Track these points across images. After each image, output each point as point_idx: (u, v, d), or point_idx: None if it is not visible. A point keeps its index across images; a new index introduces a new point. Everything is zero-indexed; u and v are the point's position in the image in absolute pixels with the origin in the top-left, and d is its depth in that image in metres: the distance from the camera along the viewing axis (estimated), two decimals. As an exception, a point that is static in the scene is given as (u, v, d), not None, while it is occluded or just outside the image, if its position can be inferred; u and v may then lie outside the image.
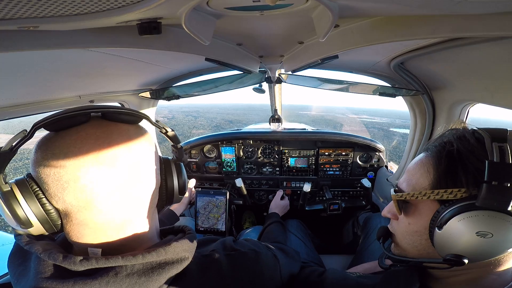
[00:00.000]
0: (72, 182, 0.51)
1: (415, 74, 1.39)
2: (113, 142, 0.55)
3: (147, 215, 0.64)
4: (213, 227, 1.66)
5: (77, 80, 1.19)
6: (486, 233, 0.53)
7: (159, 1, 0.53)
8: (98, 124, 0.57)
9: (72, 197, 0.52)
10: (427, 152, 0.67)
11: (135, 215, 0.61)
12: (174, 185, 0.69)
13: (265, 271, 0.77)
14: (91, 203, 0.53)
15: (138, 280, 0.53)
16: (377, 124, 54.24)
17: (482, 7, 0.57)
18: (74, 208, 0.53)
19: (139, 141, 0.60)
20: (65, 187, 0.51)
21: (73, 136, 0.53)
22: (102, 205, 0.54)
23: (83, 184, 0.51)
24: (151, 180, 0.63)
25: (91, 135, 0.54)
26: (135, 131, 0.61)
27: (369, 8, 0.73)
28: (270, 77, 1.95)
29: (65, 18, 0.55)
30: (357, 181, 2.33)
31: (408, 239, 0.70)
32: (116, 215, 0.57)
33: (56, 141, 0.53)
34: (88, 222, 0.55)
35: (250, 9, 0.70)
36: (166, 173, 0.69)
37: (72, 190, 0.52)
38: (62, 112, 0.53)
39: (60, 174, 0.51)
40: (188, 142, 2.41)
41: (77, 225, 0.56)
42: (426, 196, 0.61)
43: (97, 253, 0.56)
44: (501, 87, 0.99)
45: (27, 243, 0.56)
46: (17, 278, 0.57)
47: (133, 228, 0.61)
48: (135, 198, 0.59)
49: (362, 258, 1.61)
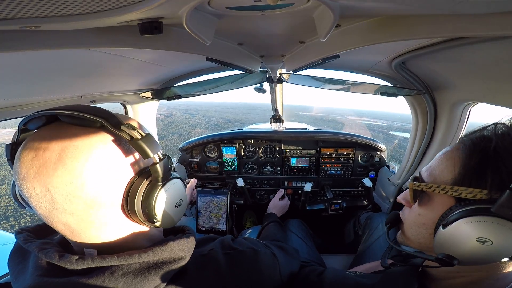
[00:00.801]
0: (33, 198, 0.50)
1: (417, 73, 1.39)
2: (48, 147, 0.50)
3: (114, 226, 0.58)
4: (214, 227, 1.66)
5: (79, 80, 1.19)
6: (486, 240, 0.52)
7: (160, 1, 0.53)
8: (55, 126, 0.54)
9: (38, 207, 0.51)
10: (460, 144, 0.61)
11: (100, 222, 0.55)
12: (136, 209, 0.56)
13: (264, 269, 0.78)
14: (53, 212, 0.51)
15: (134, 280, 0.53)
16: (377, 127, 54.21)
17: (484, 6, 0.57)
18: (44, 216, 0.52)
19: (79, 147, 0.50)
20: (28, 200, 0.50)
21: (32, 138, 0.52)
22: (61, 213, 0.51)
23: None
24: (93, 193, 0.51)
25: (47, 137, 0.51)
26: (82, 136, 0.52)
27: (370, 8, 0.73)
28: (271, 76, 1.95)
29: (67, 18, 0.55)
30: (358, 181, 2.33)
31: (414, 230, 0.68)
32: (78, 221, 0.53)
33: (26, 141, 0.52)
34: (64, 224, 0.53)
35: (251, 9, 0.70)
36: (130, 192, 0.56)
37: (33, 201, 0.50)
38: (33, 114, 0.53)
39: (20, 190, 0.50)
40: (190, 142, 2.42)
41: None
42: (444, 191, 0.58)
43: (93, 253, 0.56)
44: (503, 86, 0.98)
45: (25, 242, 0.57)
46: (15, 276, 0.57)
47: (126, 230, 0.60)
48: (78, 210, 0.52)
49: (363, 257, 1.61)
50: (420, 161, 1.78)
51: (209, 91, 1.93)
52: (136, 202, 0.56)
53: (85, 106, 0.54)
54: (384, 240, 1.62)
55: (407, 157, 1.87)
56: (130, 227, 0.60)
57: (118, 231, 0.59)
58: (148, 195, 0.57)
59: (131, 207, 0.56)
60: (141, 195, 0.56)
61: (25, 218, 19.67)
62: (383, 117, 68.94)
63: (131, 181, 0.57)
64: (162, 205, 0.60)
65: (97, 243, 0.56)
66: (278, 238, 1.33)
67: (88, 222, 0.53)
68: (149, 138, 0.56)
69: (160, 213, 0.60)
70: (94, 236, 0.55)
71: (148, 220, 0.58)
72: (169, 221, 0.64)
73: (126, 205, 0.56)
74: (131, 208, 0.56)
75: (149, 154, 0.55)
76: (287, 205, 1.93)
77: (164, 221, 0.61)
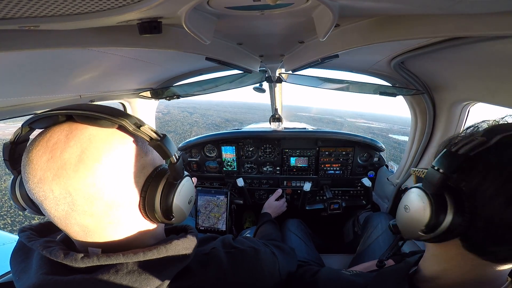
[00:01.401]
0: (46, 199, 0.49)
1: (416, 73, 1.39)
2: (67, 147, 0.49)
3: (127, 224, 0.58)
4: (214, 227, 1.66)
5: (78, 79, 1.19)
6: (407, 208, 0.62)
7: (159, 1, 0.53)
8: (67, 127, 0.52)
9: (53, 210, 0.50)
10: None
11: (117, 222, 0.56)
12: (155, 207, 0.58)
13: (264, 267, 0.78)
14: (71, 215, 0.51)
15: (139, 278, 0.53)
16: (376, 129, 54.08)
17: (483, 6, 0.57)
18: (59, 219, 0.52)
19: (99, 147, 0.51)
20: (43, 202, 0.50)
21: (43, 138, 0.50)
22: (80, 215, 0.51)
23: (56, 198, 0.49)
24: (114, 192, 0.52)
25: (56, 139, 0.50)
26: (101, 136, 0.52)
27: (369, 7, 0.73)
28: (271, 76, 1.95)
29: (66, 17, 0.55)
30: (358, 181, 2.33)
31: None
32: (96, 222, 0.53)
33: (32, 141, 0.51)
34: (80, 225, 0.53)
35: (251, 9, 0.70)
36: (148, 190, 0.57)
37: (49, 204, 0.49)
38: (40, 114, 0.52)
39: (32, 194, 0.50)
40: (189, 141, 2.42)
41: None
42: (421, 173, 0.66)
43: (97, 252, 0.56)
44: (502, 86, 0.99)
45: (29, 240, 0.57)
46: (18, 275, 0.57)
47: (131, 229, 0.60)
48: (97, 210, 0.52)
49: (362, 257, 1.61)
50: (419, 160, 1.78)
51: (208, 90, 1.93)
52: (155, 200, 0.57)
53: (99, 106, 0.54)
54: (383, 240, 1.62)
55: (406, 157, 1.87)
56: (140, 225, 0.61)
57: (130, 230, 0.59)
58: (167, 193, 0.58)
59: (150, 205, 0.57)
60: (159, 194, 0.58)
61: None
62: (382, 120, 68.58)
63: (147, 180, 0.58)
64: (179, 202, 0.62)
65: (105, 241, 0.56)
66: (274, 238, 1.34)
67: (106, 222, 0.53)
68: (167, 139, 0.57)
69: (177, 210, 0.61)
70: (108, 236, 0.56)
71: (165, 217, 0.60)
72: (183, 217, 0.66)
73: (144, 204, 0.57)
74: (149, 207, 0.57)
75: (169, 154, 0.56)
76: (281, 205, 1.92)
77: (178, 217, 0.63)
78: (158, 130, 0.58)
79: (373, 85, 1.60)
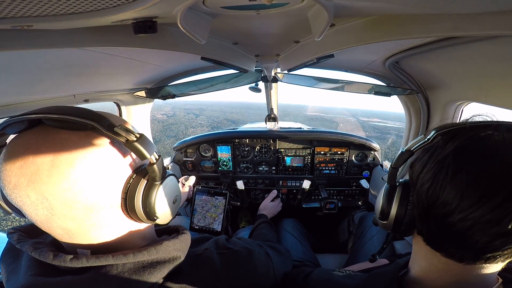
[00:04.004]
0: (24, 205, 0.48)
1: (410, 73, 1.40)
2: (37, 154, 0.48)
3: (120, 223, 0.59)
4: (209, 227, 1.65)
5: (72, 79, 1.18)
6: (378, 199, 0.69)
7: (154, 0, 0.53)
8: (39, 131, 0.50)
9: (33, 214, 0.49)
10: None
11: (99, 224, 0.55)
12: (135, 208, 0.57)
13: (258, 269, 0.78)
14: (51, 219, 0.50)
15: (129, 279, 0.53)
16: (393, 129, 53.35)
17: (476, 6, 0.58)
18: (41, 222, 0.51)
19: (82, 152, 0.50)
20: (22, 207, 0.49)
21: (16, 143, 0.49)
22: (61, 219, 0.50)
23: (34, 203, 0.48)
24: (93, 196, 0.51)
25: (28, 145, 0.48)
26: (75, 141, 0.50)
27: (364, 7, 0.74)
28: (266, 76, 1.95)
29: (60, 17, 0.55)
30: (353, 180, 2.35)
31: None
32: (77, 224, 0.52)
33: (7, 147, 0.49)
34: (63, 228, 0.52)
35: (246, 8, 0.70)
36: (128, 192, 0.56)
37: (28, 209, 0.49)
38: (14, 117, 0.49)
39: (11, 199, 0.49)
40: (184, 141, 2.41)
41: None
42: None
43: (87, 253, 0.55)
44: (495, 86, 1.00)
45: (18, 241, 0.56)
46: (7, 276, 0.57)
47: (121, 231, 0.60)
48: (80, 213, 0.51)
49: (357, 256, 1.62)
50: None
51: (204, 90, 1.92)
52: (135, 201, 0.56)
53: (71, 108, 0.52)
54: (377, 239, 1.64)
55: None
56: (127, 227, 0.60)
57: (116, 231, 0.58)
58: (147, 194, 0.57)
59: (131, 206, 0.56)
60: (140, 195, 0.56)
61: None
62: (395, 118, 66.82)
63: (127, 181, 0.56)
64: (161, 203, 0.61)
65: (92, 243, 0.56)
66: (269, 239, 1.34)
67: (88, 225, 0.53)
68: (144, 139, 0.55)
69: (160, 210, 0.60)
70: (93, 238, 0.55)
71: (148, 218, 0.59)
72: (167, 217, 0.65)
73: (125, 205, 0.56)
74: (131, 208, 0.56)
75: (145, 155, 0.54)
76: (276, 206, 1.94)
77: (162, 218, 0.62)
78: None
79: (368, 84, 1.61)
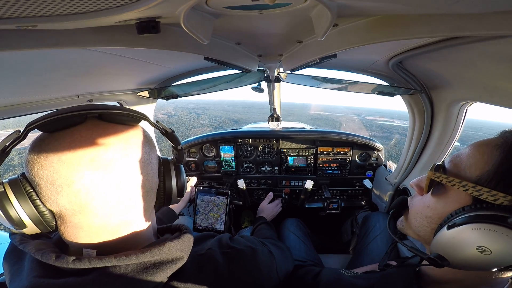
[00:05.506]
0: (66, 186, 0.50)
1: (414, 73, 1.40)
2: (109, 146, 0.53)
3: (143, 216, 0.63)
4: (212, 226, 1.66)
5: (76, 79, 1.19)
6: (486, 250, 0.48)
7: (157, 1, 0.53)
8: (94, 126, 0.55)
9: (66, 201, 0.51)
10: (501, 139, 0.55)
11: (131, 217, 0.60)
12: (172, 188, 0.69)
13: (262, 268, 0.78)
14: (86, 207, 0.52)
15: (132, 280, 0.53)
16: (401, 128, 52.59)
17: (480, 6, 0.57)
18: (68, 211, 0.53)
19: (137, 144, 0.59)
20: (59, 191, 0.50)
21: (67, 138, 0.51)
22: (97, 209, 0.53)
23: (78, 189, 0.50)
24: (148, 182, 0.62)
25: (86, 138, 0.52)
26: (134, 134, 0.60)
27: (367, 7, 0.73)
28: (269, 76, 1.95)
29: (64, 17, 0.55)
30: (356, 180, 2.34)
31: (417, 220, 0.65)
32: (111, 218, 0.56)
33: (50, 143, 0.51)
34: (83, 225, 0.55)
35: (249, 8, 0.70)
36: (164, 175, 0.68)
37: (66, 194, 0.50)
38: (57, 113, 0.52)
39: (54, 178, 0.50)
40: (187, 141, 2.41)
41: (72, 227, 0.55)
42: (464, 188, 0.53)
43: (92, 254, 0.56)
44: (499, 86, 0.99)
45: (21, 242, 0.56)
46: (11, 277, 0.57)
47: (128, 229, 0.60)
48: (131, 201, 0.58)
49: (360, 257, 1.62)
50: (417, 160, 1.78)
51: (207, 90, 1.92)
52: (172, 181, 0.69)
53: (116, 106, 0.60)
54: (381, 239, 1.63)
55: (404, 157, 1.87)
56: (132, 226, 0.61)
57: (122, 230, 0.60)
58: (178, 174, 0.70)
59: (169, 186, 0.68)
60: (173, 175, 0.69)
61: None
62: (401, 117, 65.76)
63: (160, 166, 0.68)
64: (183, 180, 0.74)
65: (97, 243, 0.56)
66: (269, 236, 1.35)
67: (140, 208, 0.61)
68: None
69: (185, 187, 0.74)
70: (103, 237, 0.58)
71: (179, 195, 0.71)
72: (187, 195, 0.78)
73: (163, 187, 0.68)
74: (168, 188, 0.68)
75: (180, 142, 0.75)
76: (277, 206, 1.95)
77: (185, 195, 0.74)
78: (160, 134, 0.74)
79: (371, 84, 1.60)
